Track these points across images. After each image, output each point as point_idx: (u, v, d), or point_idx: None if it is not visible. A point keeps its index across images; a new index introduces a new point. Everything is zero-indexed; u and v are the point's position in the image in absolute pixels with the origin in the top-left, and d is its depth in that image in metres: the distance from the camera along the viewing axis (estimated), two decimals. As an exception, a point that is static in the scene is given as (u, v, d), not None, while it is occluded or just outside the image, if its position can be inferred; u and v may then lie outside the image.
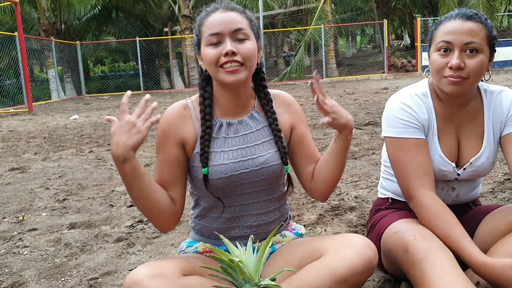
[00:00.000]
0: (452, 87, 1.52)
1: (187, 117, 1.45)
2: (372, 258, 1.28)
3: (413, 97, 1.62)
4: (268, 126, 1.48)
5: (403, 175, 1.58)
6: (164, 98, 13.72)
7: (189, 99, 1.49)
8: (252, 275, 1.10)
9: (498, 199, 2.73)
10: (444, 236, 1.46)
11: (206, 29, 1.37)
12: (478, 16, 1.51)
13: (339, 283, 1.25)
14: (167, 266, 1.25)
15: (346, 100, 9.42)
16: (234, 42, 1.35)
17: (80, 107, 12.18)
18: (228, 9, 1.38)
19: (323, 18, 17.16)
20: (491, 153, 1.64)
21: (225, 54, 1.33)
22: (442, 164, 1.62)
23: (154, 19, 21.32)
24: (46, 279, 2.01)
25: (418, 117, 1.59)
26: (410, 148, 1.58)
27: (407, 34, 30.43)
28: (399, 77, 16.42)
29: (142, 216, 2.78)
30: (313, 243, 1.39)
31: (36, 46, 16.32)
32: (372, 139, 4.89)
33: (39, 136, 6.81)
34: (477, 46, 1.48)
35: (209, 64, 1.37)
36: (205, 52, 1.37)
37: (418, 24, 16.78)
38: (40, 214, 2.98)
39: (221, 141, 1.44)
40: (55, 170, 4.35)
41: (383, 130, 1.65)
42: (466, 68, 1.49)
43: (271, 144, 1.46)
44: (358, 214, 2.59)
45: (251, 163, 1.42)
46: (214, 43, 1.35)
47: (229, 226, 1.49)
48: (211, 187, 1.42)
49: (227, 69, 1.34)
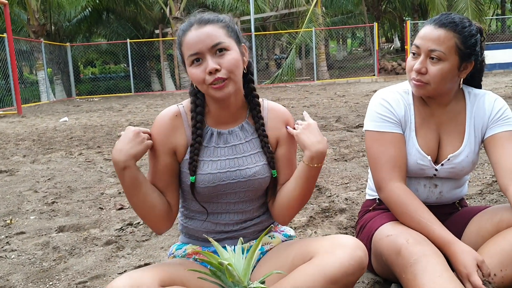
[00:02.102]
0: (415, 89, 1.61)
1: (178, 126, 1.45)
2: (363, 259, 1.29)
3: (394, 93, 1.69)
4: (257, 137, 1.47)
5: (374, 167, 1.65)
6: (155, 100, 13.68)
7: (180, 105, 1.48)
8: (241, 278, 1.10)
9: (486, 200, 2.75)
10: (415, 222, 1.53)
11: (185, 49, 1.36)
12: (452, 25, 1.53)
13: (330, 283, 1.25)
14: (145, 278, 1.23)
15: (336, 102, 9.46)
16: (215, 56, 1.33)
17: (70, 109, 12.10)
18: (202, 24, 1.35)
19: (314, 21, 17.21)
20: (471, 153, 1.67)
21: (208, 72, 1.32)
22: (419, 158, 1.66)
23: (145, 21, 21.26)
24: (33, 283, 1.99)
25: (395, 112, 1.65)
26: (385, 141, 1.64)
27: (397, 37, 30.64)
28: (389, 79, 16.52)
29: (131, 219, 2.76)
30: (304, 245, 1.40)
31: (26, 47, 16.18)
32: (362, 141, 4.91)
33: (28, 139, 6.75)
34: (440, 55, 1.53)
35: (197, 84, 1.37)
36: (191, 73, 1.36)
37: (408, 27, 16.89)
38: (28, 217, 2.95)
39: (211, 150, 1.44)
40: (44, 172, 4.32)
41: (364, 125, 1.72)
42: (427, 74, 1.56)
43: (259, 157, 1.46)
44: (348, 216, 2.60)
45: (238, 174, 1.43)
46: (197, 62, 1.34)
47: (216, 228, 1.50)
48: (198, 195, 1.44)
49: (214, 86, 1.33)
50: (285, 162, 1.49)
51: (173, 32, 17.86)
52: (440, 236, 1.49)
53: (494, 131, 1.63)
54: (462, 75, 1.61)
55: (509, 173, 1.53)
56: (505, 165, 1.55)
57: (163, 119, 1.44)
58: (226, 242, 1.48)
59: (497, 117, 1.64)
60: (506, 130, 1.62)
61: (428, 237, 1.49)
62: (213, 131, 1.45)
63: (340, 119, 6.76)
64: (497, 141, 1.61)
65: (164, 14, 19.41)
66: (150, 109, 10.80)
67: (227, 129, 1.46)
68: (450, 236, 1.49)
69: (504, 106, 1.66)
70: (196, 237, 1.54)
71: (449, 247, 1.46)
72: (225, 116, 1.46)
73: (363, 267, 1.30)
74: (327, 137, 5.33)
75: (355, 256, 1.28)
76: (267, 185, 1.48)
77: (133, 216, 2.83)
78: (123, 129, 7.23)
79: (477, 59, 1.59)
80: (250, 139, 1.47)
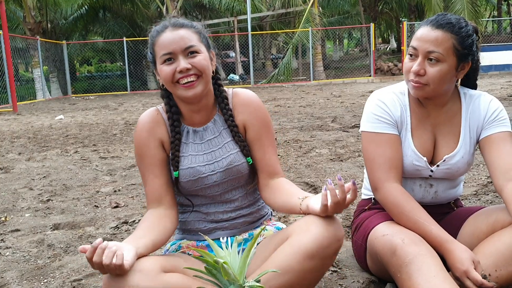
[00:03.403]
0: (414, 91, 1.60)
1: (160, 121, 1.54)
2: (337, 230, 1.32)
3: (390, 94, 1.69)
4: (227, 128, 1.54)
5: (371, 167, 1.65)
6: (151, 99, 13.65)
7: (159, 106, 1.57)
8: (237, 276, 1.09)
9: (481, 201, 2.76)
10: (411, 222, 1.53)
11: (159, 48, 1.44)
12: (450, 25, 1.53)
13: (308, 259, 1.29)
14: (147, 263, 1.28)
15: (333, 102, 9.47)
16: (187, 58, 1.42)
17: (65, 107, 12.06)
18: (177, 27, 1.44)
19: (310, 21, 17.22)
20: (466, 154, 1.67)
21: (179, 71, 1.40)
22: (415, 159, 1.66)
23: (141, 20, 21.19)
24: (28, 281, 1.98)
25: (391, 113, 1.65)
26: (381, 142, 1.64)
27: (394, 38, 30.74)
28: (385, 80, 16.55)
29: (127, 218, 2.76)
30: (284, 230, 1.46)
31: (22, 45, 16.09)
32: (358, 142, 4.92)
33: (24, 136, 6.72)
34: (438, 56, 1.53)
35: (165, 80, 1.44)
36: (161, 70, 1.44)
37: (405, 28, 16.93)
38: (23, 214, 2.94)
39: (190, 146, 1.53)
40: (39, 170, 4.30)
41: (360, 126, 1.72)
42: (426, 75, 1.55)
43: (232, 145, 1.53)
44: (343, 216, 2.60)
45: (216, 166, 1.51)
46: (168, 61, 1.43)
47: (208, 218, 1.56)
48: (182, 189, 1.52)
49: (184, 84, 1.41)
50: (257, 145, 1.54)
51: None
52: (437, 235, 1.50)
53: (489, 132, 1.63)
54: (460, 75, 1.61)
55: (504, 174, 1.53)
56: (500, 166, 1.55)
57: (145, 117, 1.53)
58: (218, 232, 1.55)
59: (492, 118, 1.64)
60: (501, 131, 1.62)
61: (424, 237, 1.49)
62: (189, 129, 1.54)
63: (336, 119, 6.77)
64: (492, 142, 1.61)
65: (160, 12, 19.35)
66: (146, 107, 10.77)
67: (201, 126, 1.54)
68: (447, 235, 1.50)
69: (500, 107, 1.66)
70: (189, 231, 1.59)
71: (445, 246, 1.47)
72: (198, 116, 1.54)
73: (338, 239, 1.32)
74: (323, 137, 5.34)
75: (328, 228, 1.30)
76: (246, 171, 1.53)
77: (129, 214, 2.82)
78: (119, 127, 7.22)
79: (473, 59, 1.60)
80: (222, 129, 1.55)
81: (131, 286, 1.22)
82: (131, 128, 7.02)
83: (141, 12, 20.39)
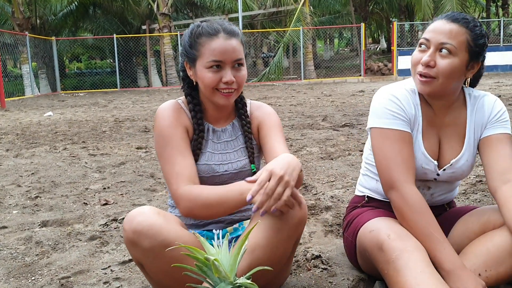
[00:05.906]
0: (421, 86, 1.56)
1: (181, 111, 1.59)
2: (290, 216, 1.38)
3: (402, 90, 1.62)
4: (242, 134, 1.64)
5: (386, 166, 1.56)
6: (141, 96, 13.58)
7: (179, 99, 1.61)
8: (228, 274, 1.09)
9: (470, 200, 2.78)
10: (424, 234, 1.46)
11: (208, 53, 1.47)
12: (465, 21, 1.52)
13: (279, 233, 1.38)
14: (168, 214, 1.41)
15: (323, 101, 9.49)
16: (233, 69, 1.49)
17: (54, 104, 11.95)
18: (229, 35, 1.48)
19: (301, 20, 17.25)
20: (470, 156, 1.66)
21: (225, 82, 1.47)
22: (425, 162, 1.63)
23: (132, 17, 21.06)
24: (15, 278, 1.96)
25: (406, 110, 1.59)
26: (396, 140, 1.56)
27: (384, 38, 30.87)
28: (375, 80, 16.63)
29: (116, 215, 2.74)
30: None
31: (10, 40, 15.92)
32: (348, 140, 4.94)
33: (12, 133, 6.65)
34: (451, 48, 1.50)
35: (206, 85, 1.49)
36: (205, 75, 1.48)
37: (395, 28, 17.03)
38: (10, 211, 2.91)
39: (209, 143, 1.60)
40: (28, 167, 4.25)
41: (370, 122, 1.64)
42: (436, 67, 1.51)
43: (244, 152, 1.63)
44: (333, 214, 2.61)
45: (230, 167, 1.59)
46: (216, 68, 1.47)
47: None
48: None
49: (224, 93, 1.49)
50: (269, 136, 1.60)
51: (160, 28, 17.74)
52: (448, 257, 1.43)
53: (489, 132, 1.62)
54: (469, 74, 1.58)
55: (499, 176, 1.53)
56: (496, 167, 1.55)
57: (169, 105, 1.57)
58: (212, 226, 1.60)
59: (495, 119, 1.63)
60: (500, 133, 1.61)
61: (434, 254, 1.43)
62: (209, 127, 1.61)
63: (326, 118, 6.78)
64: (491, 143, 1.60)
65: (151, 10, 19.26)
66: (136, 105, 10.72)
67: (220, 127, 1.62)
68: (459, 261, 1.43)
69: (503, 108, 1.65)
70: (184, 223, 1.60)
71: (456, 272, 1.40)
72: (220, 116, 1.62)
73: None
74: (314, 135, 5.35)
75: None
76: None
77: (118, 212, 2.80)
78: (108, 124, 7.17)
79: (483, 61, 1.59)
80: (239, 135, 1.64)
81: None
82: (120, 126, 6.97)
83: (132, 9, 20.26)
